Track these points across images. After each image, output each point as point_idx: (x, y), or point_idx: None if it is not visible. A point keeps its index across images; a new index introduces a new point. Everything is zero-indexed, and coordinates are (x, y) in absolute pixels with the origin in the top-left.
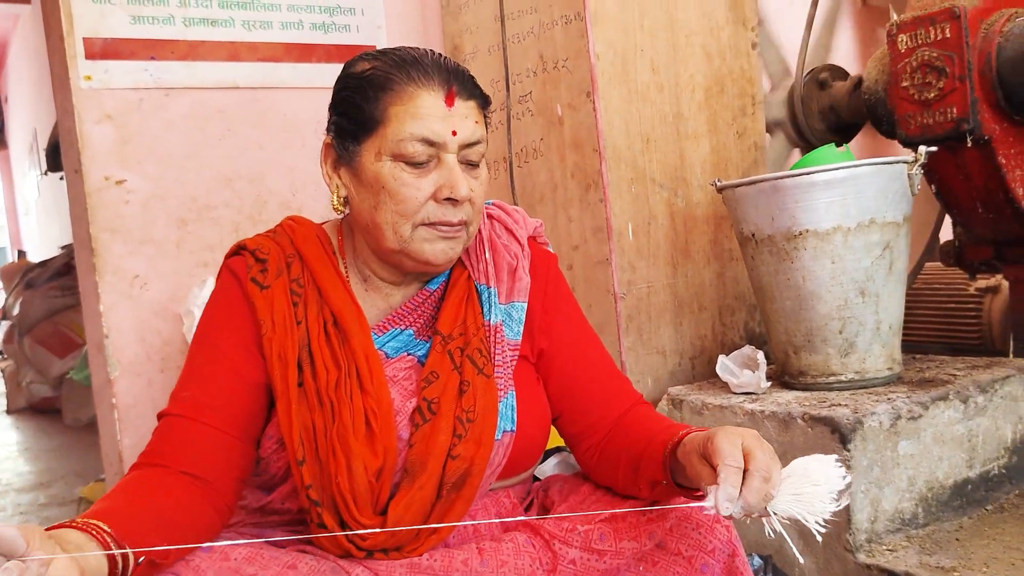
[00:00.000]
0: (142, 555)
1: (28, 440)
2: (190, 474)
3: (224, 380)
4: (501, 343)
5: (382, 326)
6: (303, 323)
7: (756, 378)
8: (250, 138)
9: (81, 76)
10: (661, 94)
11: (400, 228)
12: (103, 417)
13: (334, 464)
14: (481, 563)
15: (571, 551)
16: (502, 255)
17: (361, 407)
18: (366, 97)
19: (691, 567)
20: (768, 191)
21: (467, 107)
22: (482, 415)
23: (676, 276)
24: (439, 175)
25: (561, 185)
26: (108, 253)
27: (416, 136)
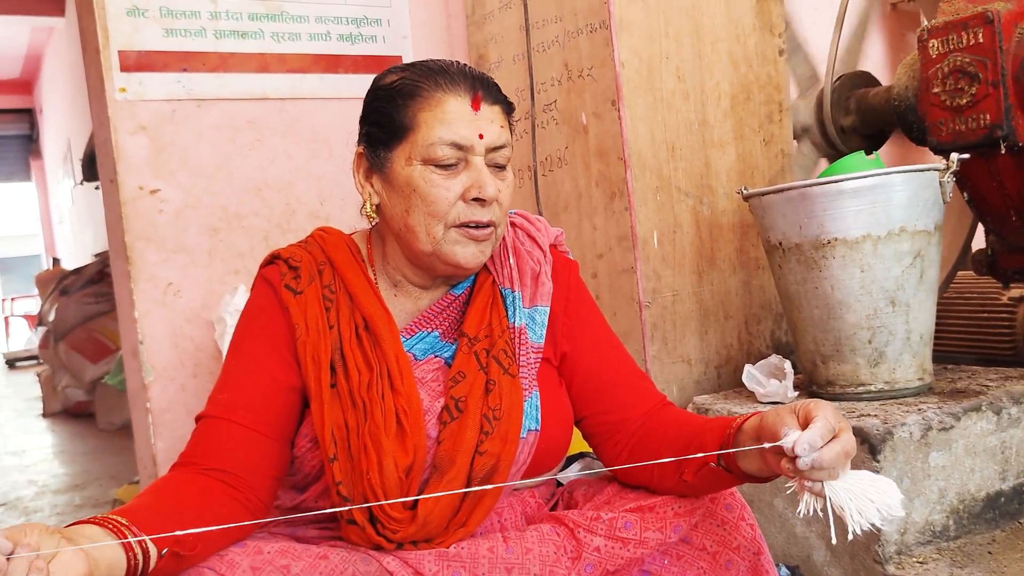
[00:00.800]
0: (165, 547)
1: (63, 443)
2: (224, 472)
3: (259, 383)
4: (525, 345)
5: (410, 329)
6: (335, 327)
7: (783, 388)
8: (279, 148)
9: (116, 88)
10: (687, 102)
11: (432, 229)
12: (137, 421)
13: (366, 461)
14: (506, 550)
15: (595, 539)
16: (525, 261)
17: (392, 407)
18: (396, 106)
19: (716, 563)
20: (796, 199)
21: (492, 111)
22: (507, 413)
23: (702, 284)
24: (467, 176)
25: (586, 193)
26: (143, 261)
27: (445, 140)
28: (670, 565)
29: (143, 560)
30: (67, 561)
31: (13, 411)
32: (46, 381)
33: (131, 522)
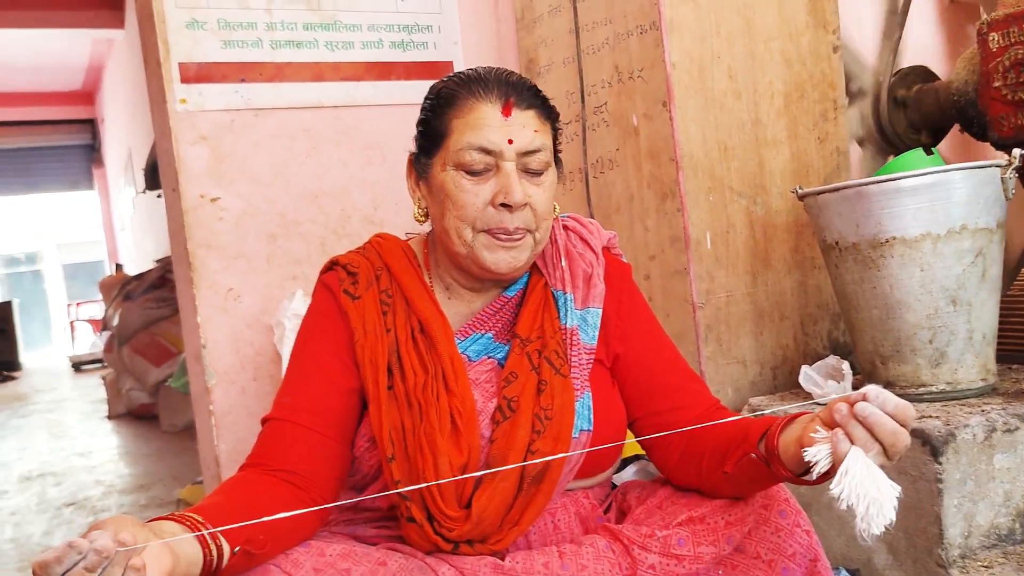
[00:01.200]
0: (237, 544)
1: (128, 444)
2: (289, 472)
3: (320, 385)
4: (577, 346)
5: (464, 331)
6: (392, 331)
7: (841, 389)
8: (334, 155)
9: (177, 99)
10: (739, 101)
11: (463, 233)
12: (201, 423)
13: (422, 461)
14: (562, 566)
15: (650, 556)
16: (577, 263)
17: (447, 407)
18: (435, 113)
19: (771, 570)
20: (852, 198)
21: (525, 116)
22: (559, 413)
23: (756, 285)
24: (497, 182)
25: (637, 195)
26: (204, 268)
27: (473, 145)
28: (724, 575)
29: (217, 556)
30: (157, 554)
31: (79, 413)
32: (111, 384)
33: (205, 519)
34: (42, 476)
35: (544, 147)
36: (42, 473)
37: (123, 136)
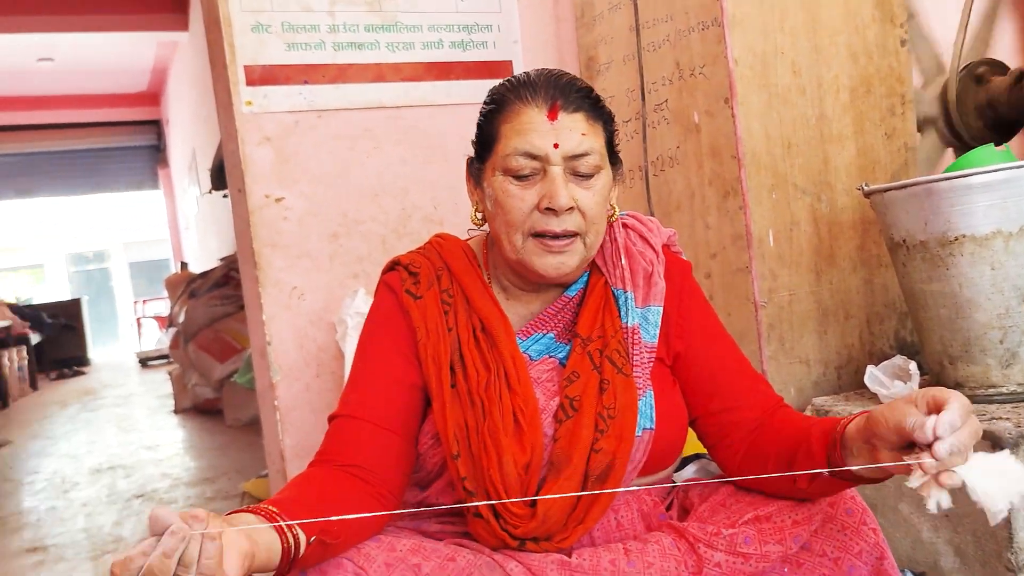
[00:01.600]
0: (313, 535)
1: (193, 438)
2: (358, 468)
3: (385, 383)
4: (638, 345)
5: (525, 331)
6: (454, 330)
7: (908, 389)
8: (394, 155)
9: (243, 101)
10: (803, 97)
11: (512, 238)
12: (266, 418)
13: (486, 459)
14: (628, 564)
15: (716, 554)
16: (637, 261)
17: (509, 406)
18: (487, 119)
19: (837, 568)
20: (921, 195)
21: (572, 119)
22: (622, 412)
23: (820, 283)
24: (543, 186)
25: (698, 193)
26: (269, 267)
27: (519, 151)
28: (791, 573)
29: (294, 546)
30: (233, 538)
31: (146, 408)
32: (177, 379)
33: (281, 512)
34: (112, 469)
35: (592, 150)
36: (112, 466)
37: (187, 137)
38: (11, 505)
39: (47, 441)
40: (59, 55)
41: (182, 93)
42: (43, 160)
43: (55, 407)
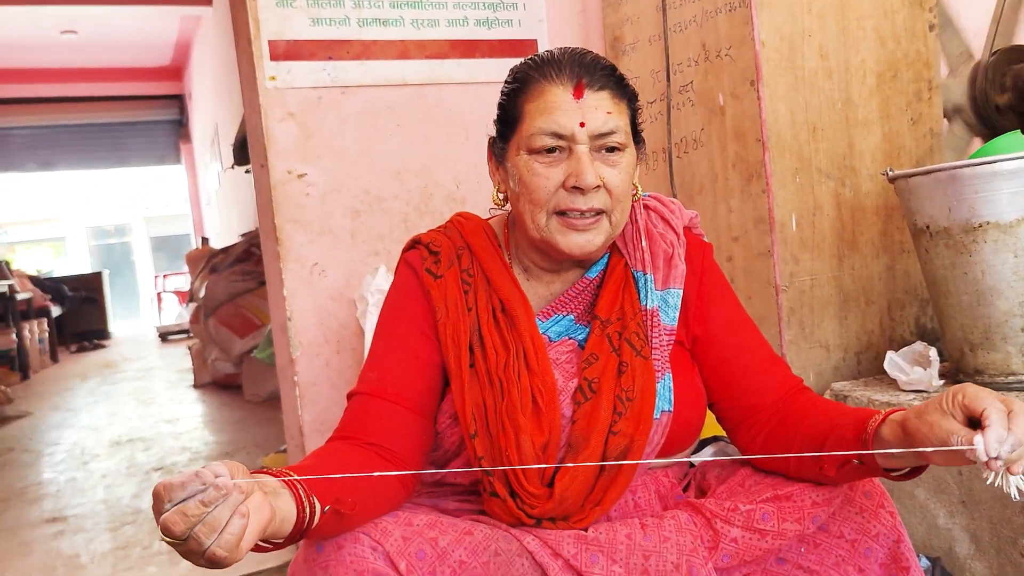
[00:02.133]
0: (327, 504)
1: (213, 413)
2: (377, 446)
3: (404, 361)
4: (658, 327)
5: (546, 312)
6: (473, 309)
7: (928, 376)
8: (417, 133)
9: (267, 77)
10: (830, 80)
11: (536, 217)
12: (285, 393)
13: (504, 438)
14: (644, 537)
15: (733, 530)
16: (658, 243)
17: (528, 386)
18: (510, 98)
19: (854, 550)
20: (945, 181)
21: (597, 98)
22: (640, 394)
23: (842, 268)
24: (568, 165)
25: (722, 175)
26: (291, 242)
27: (545, 130)
28: (807, 553)
29: (310, 514)
30: (259, 504)
31: (166, 382)
32: (196, 354)
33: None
34: (131, 441)
35: (618, 128)
36: (131, 438)
37: (210, 112)
38: (31, 476)
39: (67, 413)
40: (82, 28)
41: (205, 68)
42: (65, 133)
43: (75, 380)
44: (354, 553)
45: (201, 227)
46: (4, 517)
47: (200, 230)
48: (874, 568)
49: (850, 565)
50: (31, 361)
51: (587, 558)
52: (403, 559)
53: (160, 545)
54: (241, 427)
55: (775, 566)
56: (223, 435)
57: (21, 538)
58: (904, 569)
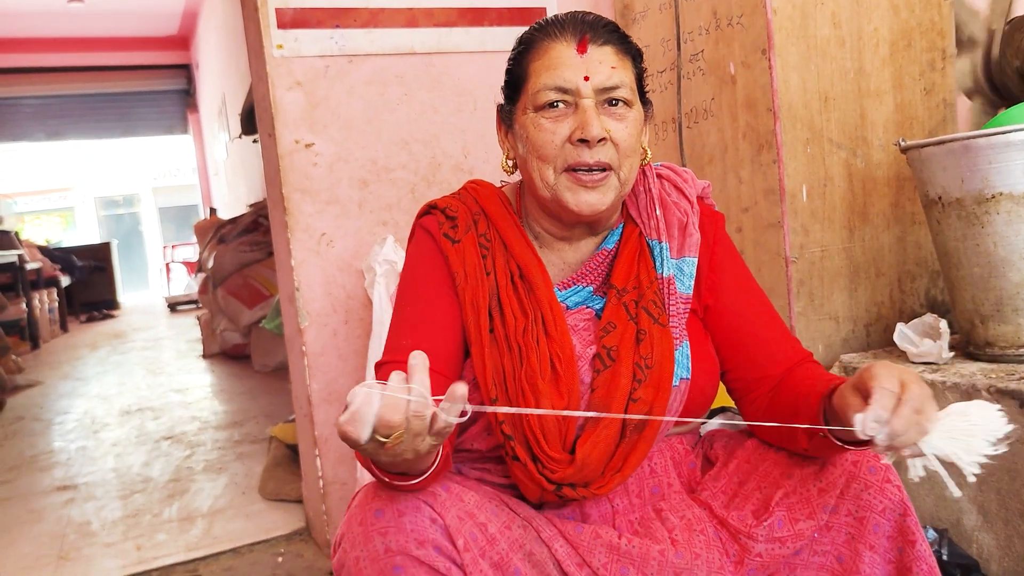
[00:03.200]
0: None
1: (222, 383)
2: None
3: (436, 327)
4: (674, 295)
5: (565, 283)
6: (492, 274)
7: (938, 348)
8: (425, 102)
9: (274, 45)
10: (842, 49)
11: (545, 174)
12: (294, 363)
13: (523, 403)
14: (676, 555)
15: (757, 545)
16: (672, 212)
17: (547, 352)
18: (516, 60)
19: (862, 526)
20: (958, 151)
21: (601, 52)
22: (659, 362)
23: (852, 240)
24: (575, 119)
25: (732, 146)
26: (299, 212)
27: (549, 85)
28: (820, 537)
29: (437, 457)
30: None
31: (175, 352)
32: (205, 324)
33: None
34: (141, 411)
35: (623, 84)
36: (141, 408)
37: (217, 82)
38: (42, 444)
39: (77, 382)
40: None
41: (212, 37)
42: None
43: (85, 349)
44: (415, 522)
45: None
46: (15, 485)
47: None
48: (883, 542)
49: (860, 543)
50: (41, 331)
51: (617, 570)
52: (460, 536)
53: (169, 513)
54: (250, 397)
55: (792, 557)
56: (232, 405)
57: (32, 505)
58: (910, 543)
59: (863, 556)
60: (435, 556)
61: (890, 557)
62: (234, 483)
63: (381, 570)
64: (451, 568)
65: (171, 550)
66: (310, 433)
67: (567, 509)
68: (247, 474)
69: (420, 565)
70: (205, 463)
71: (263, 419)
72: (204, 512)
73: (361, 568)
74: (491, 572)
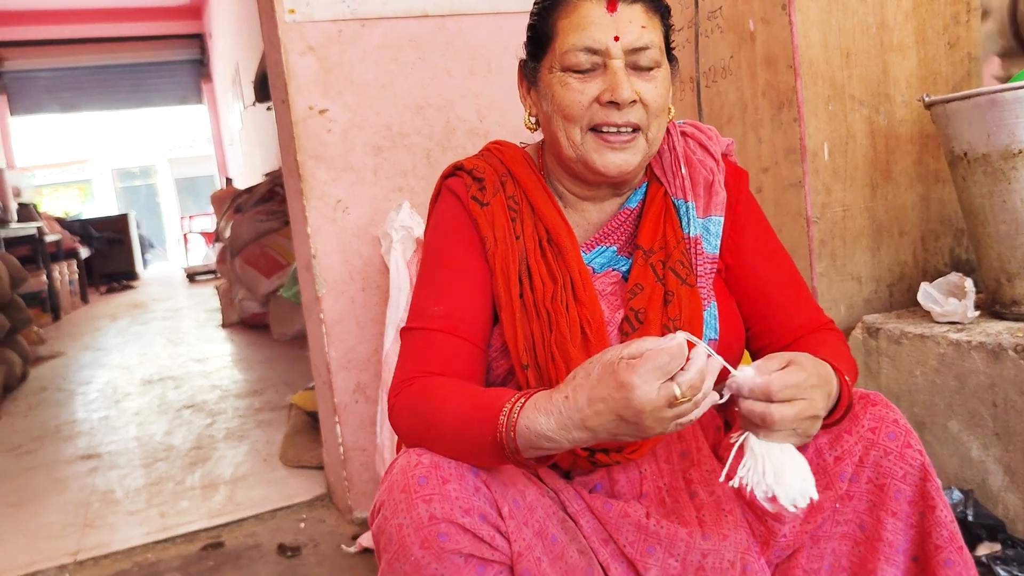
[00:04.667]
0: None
1: (241, 351)
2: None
3: (464, 292)
4: (701, 256)
5: (589, 244)
6: (521, 238)
7: (963, 307)
8: (439, 66)
9: (285, 10)
10: (864, 3)
11: (571, 133)
12: (312, 330)
13: (553, 370)
14: (703, 537)
15: (783, 527)
16: (698, 170)
17: (576, 318)
18: (542, 17)
19: (883, 494)
20: (984, 106)
21: (632, 11)
22: (688, 322)
23: (875, 199)
24: (604, 80)
25: (751, 105)
26: (313, 179)
27: (579, 46)
28: (842, 508)
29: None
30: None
31: (194, 322)
32: (224, 294)
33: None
34: (162, 380)
35: (653, 44)
36: (162, 377)
37: (230, 50)
38: (65, 414)
39: (99, 353)
40: None
41: (224, 5)
42: (87, 75)
43: (105, 320)
44: (460, 490)
45: (225, 167)
46: (40, 454)
47: (224, 171)
48: (904, 507)
49: (882, 510)
50: (62, 302)
51: (643, 549)
52: (505, 503)
53: (192, 480)
54: (269, 365)
55: (815, 529)
56: (252, 373)
57: (57, 474)
58: (931, 508)
59: (886, 523)
60: (480, 524)
61: (912, 522)
62: (255, 450)
63: (425, 538)
64: (495, 536)
65: (194, 517)
66: (330, 400)
67: (595, 475)
68: (268, 441)
69: (464, 533)
70: (226, 431)
71: (282, 387)
72: (226, 479)
73: (404, 535)
74: (534, 539)
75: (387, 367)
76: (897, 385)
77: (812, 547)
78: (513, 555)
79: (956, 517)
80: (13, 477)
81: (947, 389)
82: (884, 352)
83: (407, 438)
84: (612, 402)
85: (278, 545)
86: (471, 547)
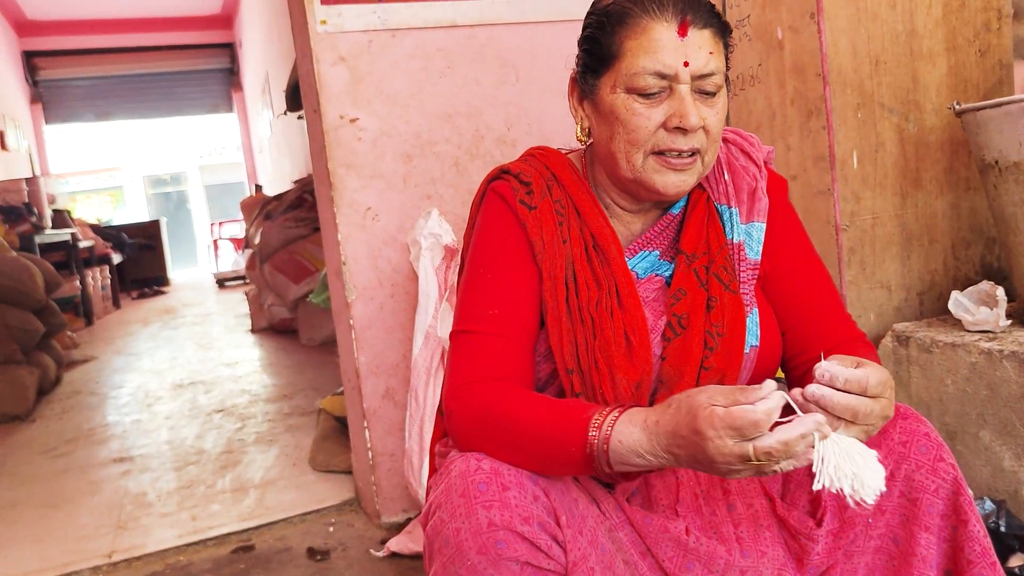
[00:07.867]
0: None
1: (270, 356)
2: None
3: (517, 297)
4: (744, 262)
5: (632, 249)
6: (568, 243)
7: (995, 315)
8: (468, 75)
9: (318, 21)
10: (893, 11)
11: (632, 157)
12: (342, 336)
13: (597, 376)
14: (742, 554)
15: (816, 546)
16: (741, 177)
17: (621, 324)
18: (605, 32)
19: (915, 508)
20: (1016, 114)
21: (701, 37)
22: (731, 329)
23: (905, 207)
24: (670, 105)
25: (780, 112)
26: (344, 187)
27: (648, 70)
28: (874, 521)
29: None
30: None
31: (224, 327)
32: (253, 300)
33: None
34: (193, 384)
35: (718, 70)
36: (192, 381)
37: (260, 60)
38: (98, 418)
39: (130, 357)
40: None
41: (255, 15)
42: (120, 83)
43: (137, 325)
44: (520, 497)
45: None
46: (74, 457)
47: (253, 178)
48: (936, 521)
49: (915, 524)
50: (95, 307)
51: (683, 564)
52: (563, 512)
53: (223, 484)
54: (298, 370)
55: (848, 545)
56: (281, 378)
57: (91, 477)
58: (963, 522)
59: (919, 538)
60: (538, 532)
61: (944, 536)
62: (284, 455)
63: (483, 544)
64: (552, 545)
65: (225, 520)
66: (359, 405)
67: (633, 481)
68: (297, 446)
69: (523, 541)
70: (256, 435)
71: (311, 392)
72: (256, 483)
73: (461, 540)
74: (588, 548)
75: (416, 372)
76: (928, 394)
77: (846, 562)
78: (568, 564)
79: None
80: (48, 479)
81: (979, 398)
82: (915, 361)
83: (466, 441)
84: (688, 445)
85: (307, 549)
86: (528, 555)
